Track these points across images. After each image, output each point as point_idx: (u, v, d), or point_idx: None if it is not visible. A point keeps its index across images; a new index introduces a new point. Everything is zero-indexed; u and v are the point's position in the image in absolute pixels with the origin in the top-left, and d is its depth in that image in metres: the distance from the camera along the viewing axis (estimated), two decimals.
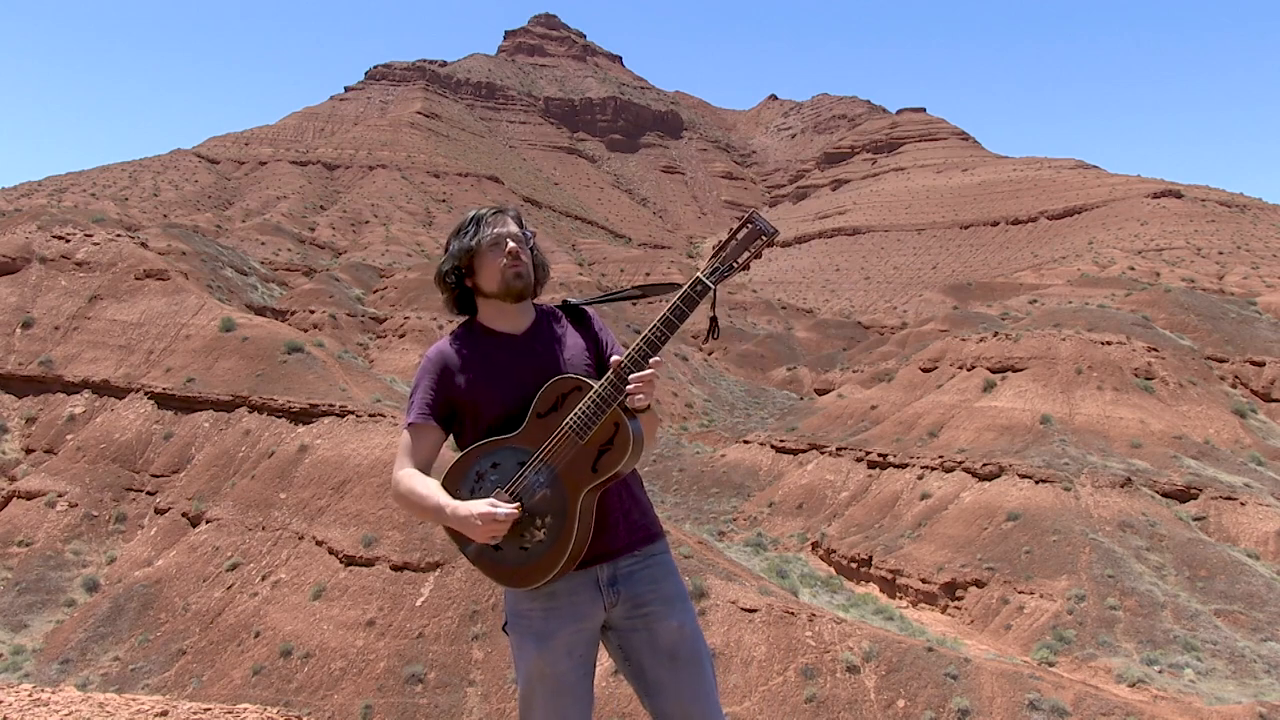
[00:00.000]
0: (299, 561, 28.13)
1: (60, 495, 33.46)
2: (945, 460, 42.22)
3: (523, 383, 3.09)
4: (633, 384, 2.93)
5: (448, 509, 2.95)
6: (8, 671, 25.53)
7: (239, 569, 28.83)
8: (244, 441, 34.36)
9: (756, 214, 3.02)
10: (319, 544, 28.24)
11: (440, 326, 67.56)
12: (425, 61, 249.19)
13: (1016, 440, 42.38)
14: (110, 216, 72.50)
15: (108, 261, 46.80)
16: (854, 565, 39.94)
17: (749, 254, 2.98)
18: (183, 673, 25.54)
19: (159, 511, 32.90)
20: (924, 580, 36.44)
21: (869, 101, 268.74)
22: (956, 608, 34.93)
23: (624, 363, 2.94)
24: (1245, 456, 41.86)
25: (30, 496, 33.74)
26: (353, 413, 33.38)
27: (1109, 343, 47.65)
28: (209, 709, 5.19)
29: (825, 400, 60.89)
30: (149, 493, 34.12)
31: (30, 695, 5.10)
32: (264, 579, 28.08)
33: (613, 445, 2.97)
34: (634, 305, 70.24)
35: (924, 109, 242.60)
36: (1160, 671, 27.54)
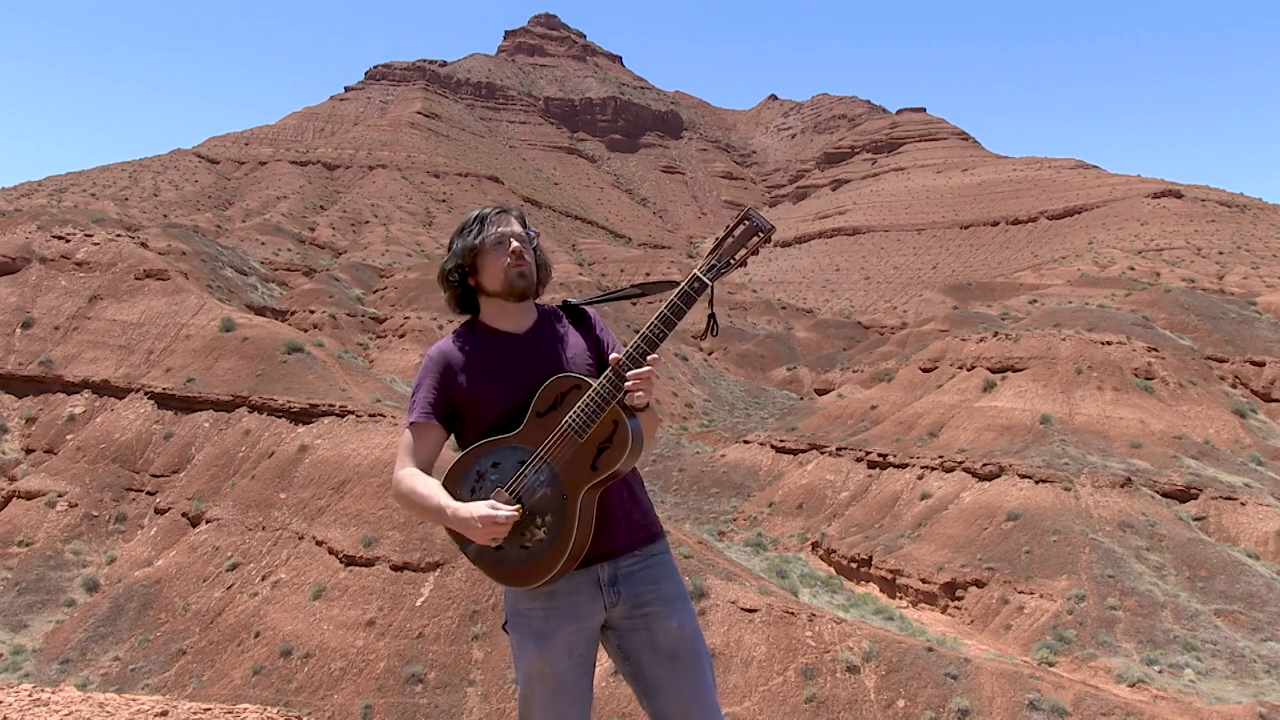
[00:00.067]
0: (299, 561, 28.13)
1: (60, 495, 33.46)
2: (945, 460, 42.22)
3: (525, 382, 3.08)
4: (631, 381, 2.93)
5: (448, 510, 2.94)
6: (8, 671, 25.53)
7: (239, 569, 28.83)
8: (244, 441, 34.36)
9: (753, 211, 3.03)
10: (319, 544, 28.24)
11: (440, 327, 67.55)
12: (425, 61, 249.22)
13: (1016, 440, 42.39)
14: (110, 216, 72.51)
15: (108, 261, 46.81)
16: (854, 565, 39.94)
17: (746, 251, 2.99)
18: (183, 673, 25.54)
19: (159, 511, 32.90)
20: (924, 580, 36.44)
21: (869, 101, 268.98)
22: (956, 608, 34.93)
23: (622, 360, 2.94)
24: (1245, 456, 41.86)
25: (30, 496, 33.74)
26: (353, 413, 33.38)
27: (1109, 343, 47.65)
28: (209, 709, 5.19)
29: (825, 400, 60.89)
30: (149, 493, 34.12)
31: (30, 695, 5.10)
32: (264, 579, 28.08)
33: (612, 443, 2.97)
34: (634, 305, 70.26)
35: (924, 109, 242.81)
36: (1160, 671, 27.54)
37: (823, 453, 49.14)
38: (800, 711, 21.22)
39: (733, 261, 2.99)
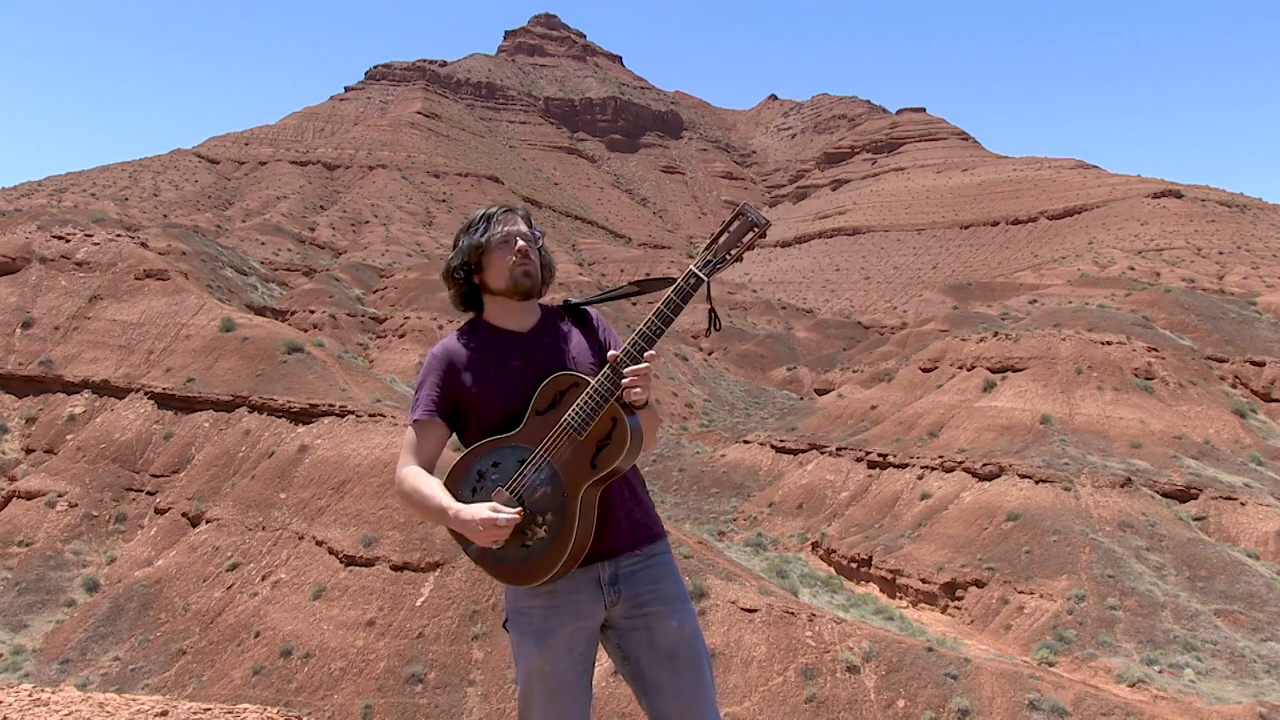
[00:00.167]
0: (299, 561, 28.13)
1: (60, 495, 33.47)
2: (945, 460, 42.22)
3: (528, 380, 3.09)
4: (628, 378, 2.94)
5: (450, 511, 2.94)
6: (8, 671, 25.53)
7: (239, 569, 28.83)
8: (244, 441, 34.37)
9: (748, 206, 3.05)
10: (319, 544, 28.24)
11: (440, 327, 67.56)
12: (425, 61, 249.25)
13: (1016, 440, 42.39)
14: (110, 216, 72.51)
15: (108, 261, 46.82)
16: (854, 565, 39.94)
17: (741, 246, 3.00)
18: (183, 673, 25.54)
19: (159, 511, 32.90)
20: (924, 580, 36.44)
21: (869, 101, 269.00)
22: (956, 608, 34.92)
23: (620, 357, 2.95)
24: (1245, 456, 41.86)
25: (30, 496, 33.74)
26: (353, 413, 33.38)
27: (1109, 343, 47.65)
28: (209, 709, 5.19)
29: (825, 400, 60.89)
30: (149, 493, 34.12)
31: (30, 695, 5.10)
32: (264, 579, 28.08)
33: (611, 440, 2.98)
34: (633, 305, 70.23)
35: (924, 109, 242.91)
36: (1160, 671, 27.54)
37: (823, 453, 49.14)
38: (800, 711, 21.22)
39: (728, 257, 3.01)
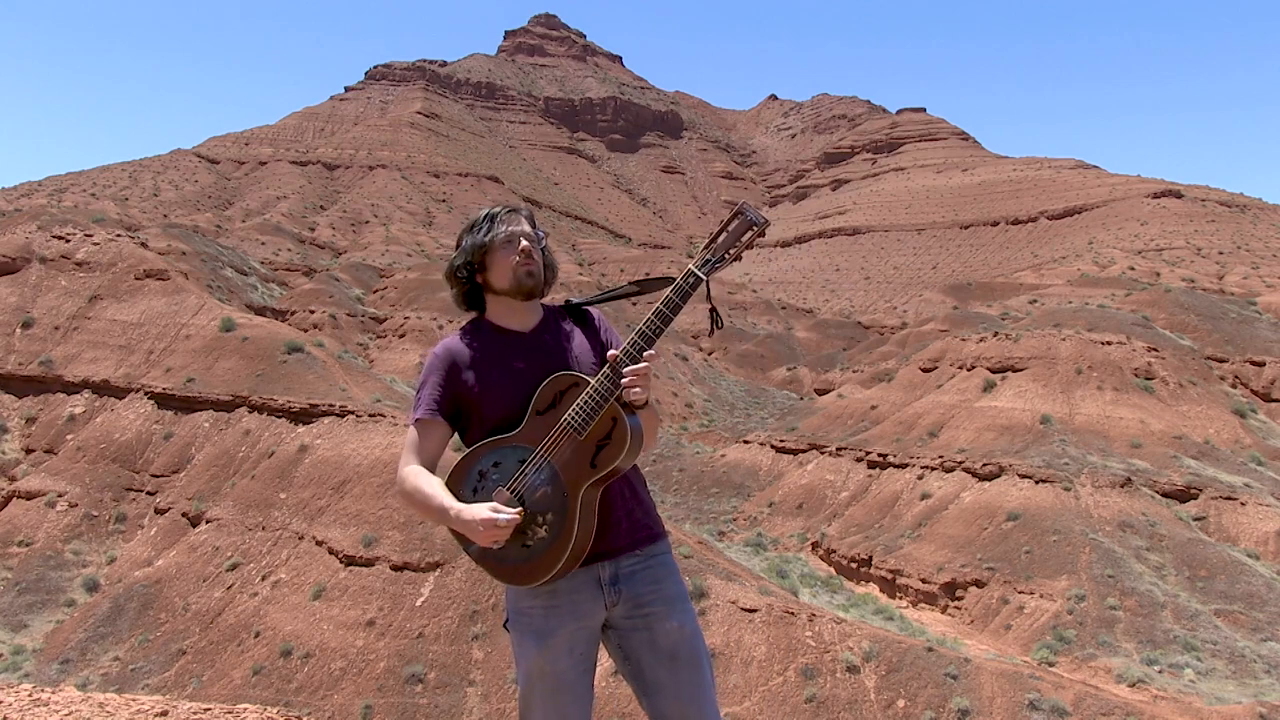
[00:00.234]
0: (299, 561, 28.12)
1: (60, 495, 33.46)
2: (945, 460, 42.22)
3: (530, 380, 3.09)
4: (628, 377, 2.94)
5: (451, 511, 2.95)
6: (8, 671, 25.53)
7: (239, 569, 28.83)
8: (244, 441, 34.36)
9: (747, 205, 3.05)
10: (319, 544, 28.24)
11: (440, 327, 67.56)
12: (425, 61, 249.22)
13: (1016, 440, 42.39)
14: (110, 216, 72.52)
15: (108, 261, 46.81)
16: (854, 565, 39.94)
17: (740, 246, 3.01)
18: (183, 673, 25.54)
19: (159, 511, 32.90)
20: (924, 580, 36.44)
21: (869, 101, 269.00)
22: (956, 608, 34.92)
23: (619, 357, 2.96)
24: (1245, 456, 41.86)
25: (30, 496, 33.74)
26: (353, 413, 33.38)
27: (1109, 343, 47.65)
28: (209, 709, 5.19)
29: (825, 400, 60.89)
30: (149, 493, 34.12)
31: (30, 695, 5.10)
32: (264, 579, 28.07)
33: (610, 440, 2.98)
34: (633, 304, 70.22)
35: (924, 109, 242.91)
36: (1160, 671, 27.54)
37: (823, 453, 49.14)
38: (800, 711, 21.22)
39: (727, 256, 3.01)
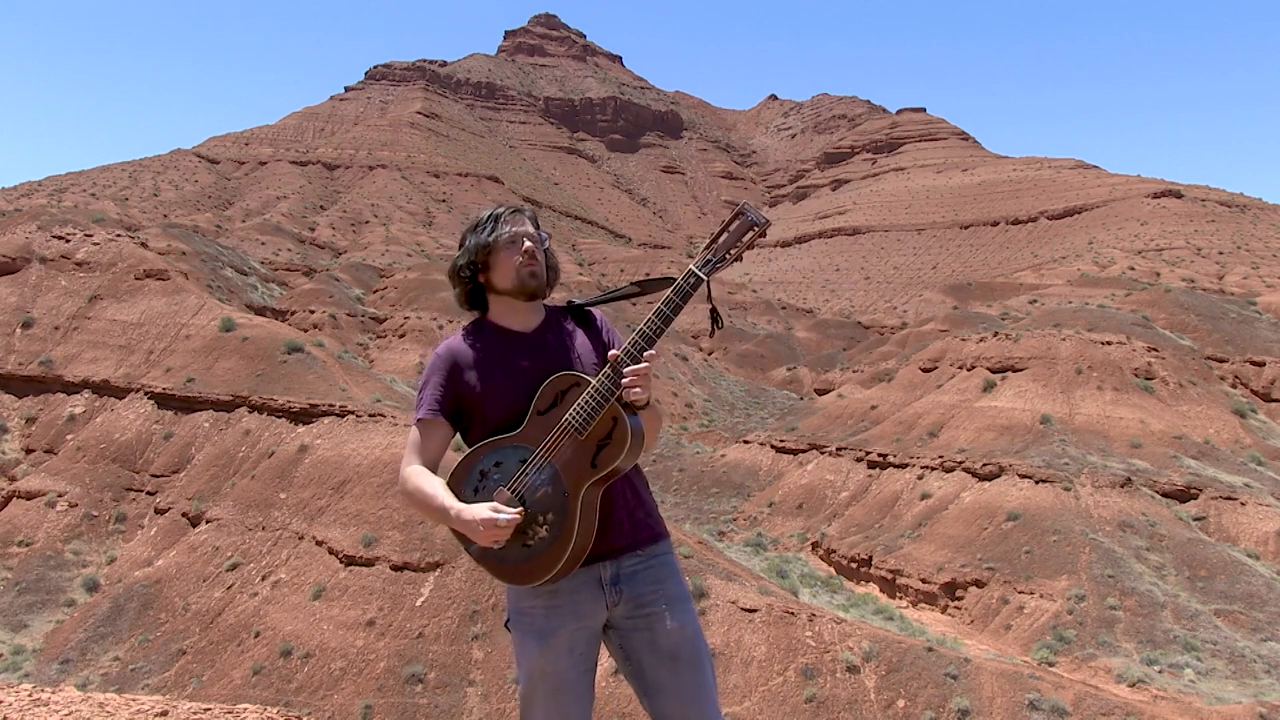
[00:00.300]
0: (299, 561, 28.12)
1: (60, 495, 33.46)
2: (945, 460, 42.22)
3: (532, 380, 3.10)
4: (628, 377, 2.94)
5: (452, 511, 2.95)
6: (8, 671, 25.53)
7: (239, 569, 28.83)
8: (244, 441, 34.36)
9: (747, 206, 3.06)
10: (319, 544, 28.24)
11: (440, 327, 67.55)
12: (425, 61, 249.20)
13: (1016, 440, 42.38)
14: (110, 216, 72.51)
15: (108, 261, 46.81)
16: (854, 565, 39.94)
17: (741, 246, 3.01)
18: (183, 673, 25.54)
19: (159, 511, 32.90)
20: (924, 580, 36.44)
21: (869, 101, 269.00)
22: (956, 608, 34.92)
23: (620, 357, 2.96)
24: (1245, 456, 41.86)
25: (30, 496, 33.74)
26: (353, 413, 33.38)
27: (1109, 343, 47.65)
28: (209, 709, 5.19)
29: (825, 400, 60.89)
30: (149, 493, 34.12)
31: (30, 695, 5.10)
32: (264, 579, 28.07)
33: (611, 440, 2.98)
34: (634, 305, 70.24)
35: (924, 109, 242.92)
36: (1160, 671, 27.54)
37: (823, 453, 49.14)
38: (800, 711, 21.22)
39: (728, 257, 3.02)
